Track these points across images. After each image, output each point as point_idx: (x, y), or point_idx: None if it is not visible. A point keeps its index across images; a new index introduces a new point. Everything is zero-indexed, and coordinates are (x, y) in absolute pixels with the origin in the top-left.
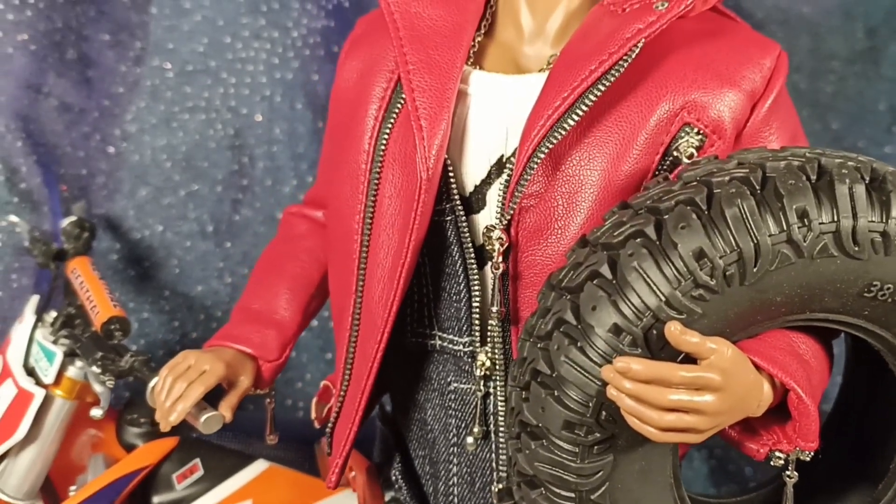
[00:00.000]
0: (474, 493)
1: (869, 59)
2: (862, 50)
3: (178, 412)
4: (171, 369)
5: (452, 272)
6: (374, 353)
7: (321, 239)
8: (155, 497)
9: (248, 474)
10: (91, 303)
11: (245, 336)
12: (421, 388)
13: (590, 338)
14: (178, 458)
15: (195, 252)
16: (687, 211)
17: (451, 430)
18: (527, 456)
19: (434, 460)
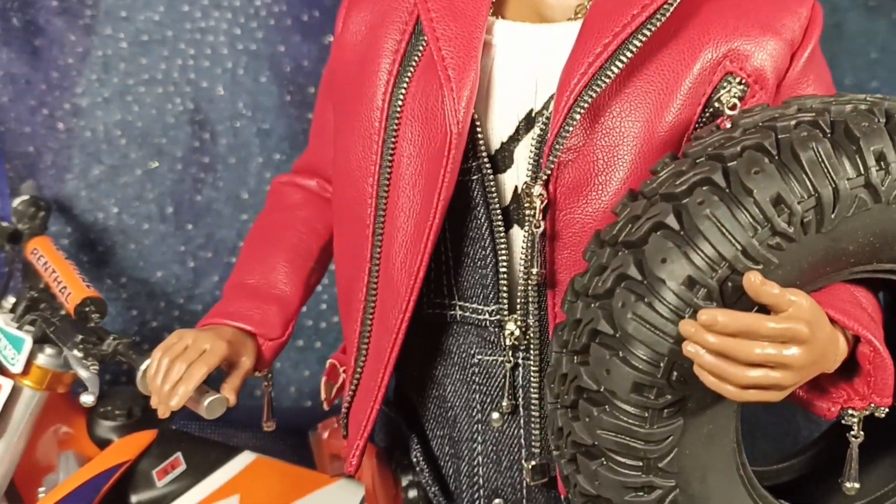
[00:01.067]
0: (501, 472)
1: (833, 36)
2: (826, 26)
3: (179, 396)
4: (167, 350)
5: (477, 236)
6: (397, 324)
7: (317, 208)
8: (134, 496)
9: (234, 467)
10: (59, 284)
11: (244, 313)
12: (439, 363)
13: (659, 292)
14: (158, 453)
15: (154, 235)
16: (758, 156)
17: (475, 407)
18: (587, 424)
19: (455, 440)
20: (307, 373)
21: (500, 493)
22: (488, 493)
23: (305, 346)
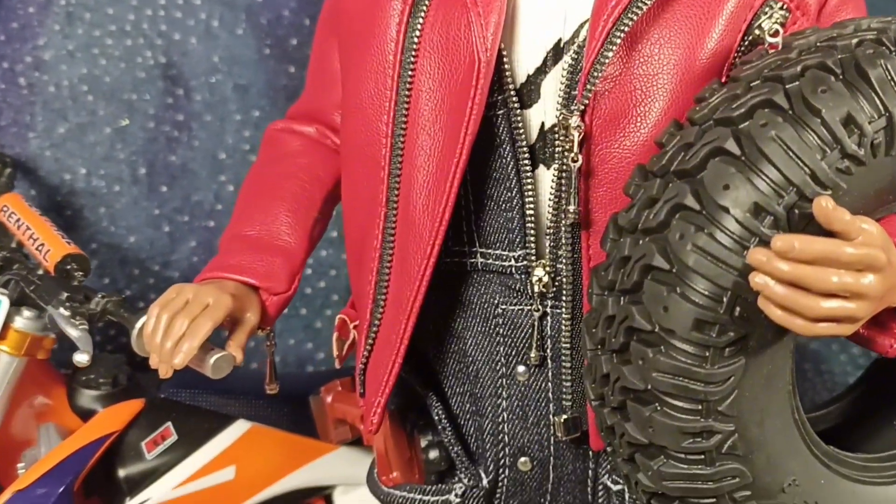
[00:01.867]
0: (527, 428)
1: None
2: None
3: (183, 353)
4: (165, 306)
5: (502, 176)
6: (420, 271)
7: (319, 156)
8: (122, 469)
9: (229, 437)
10: (35, 242)
11: (246, 266)
12: (458, 316)
13: (721, 222)
14: (147, 423)
15: (126, 198)
16: (822, 75)
17: (499, 360)
18: (639, 368)
19: (478, 396)
20: (292, 341)
21: (527, 450)
22: (514, 452)
23: (290, 314)
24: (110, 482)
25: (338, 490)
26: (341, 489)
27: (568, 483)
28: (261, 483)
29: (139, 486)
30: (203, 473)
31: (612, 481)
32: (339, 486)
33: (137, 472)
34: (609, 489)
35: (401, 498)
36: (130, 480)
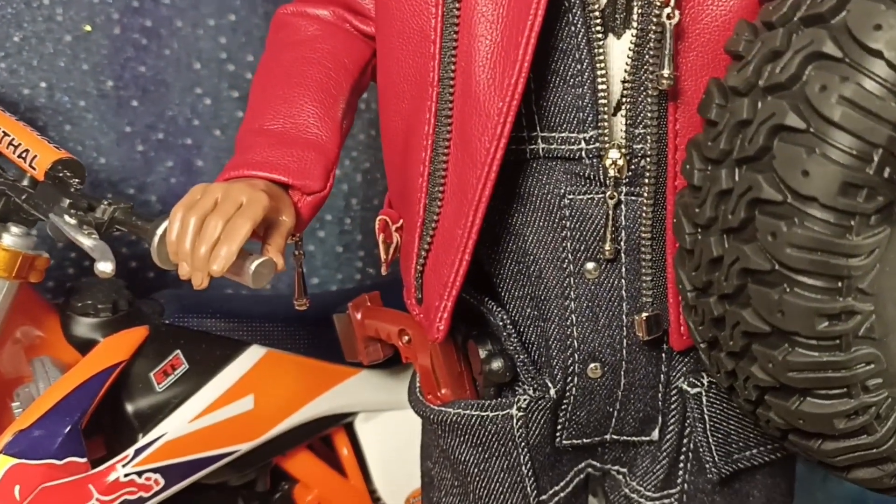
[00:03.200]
0: (598, 331)
1: None
2: None
3: (223, 257)
4: (191, 207)
5: (570, 47)
6: (489, 154)
7: (340, 40)
8: (130, 404)
9: (244, 364)
10: (17, 149)
11: (276, 161)
12: (516, 211)
13: (871, 69)
14: (154, 352)
15: (93, 115)
16: None
17: (565, 257)
18: (770, 244)
19: (541, 299)
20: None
21: (598, 355)
22: (584, 357)
23: None
24: (118, 419)
25: (359, 418)
26: (363, 416)
27: (639, 389)
28: (281, 412)
29: (152, 421)
30: (221, 404)
31: (689, 384)
32: (361, 413)
33: (148, 405)
34: (684, 393)
35: (455, 416)
36: (141, 415)
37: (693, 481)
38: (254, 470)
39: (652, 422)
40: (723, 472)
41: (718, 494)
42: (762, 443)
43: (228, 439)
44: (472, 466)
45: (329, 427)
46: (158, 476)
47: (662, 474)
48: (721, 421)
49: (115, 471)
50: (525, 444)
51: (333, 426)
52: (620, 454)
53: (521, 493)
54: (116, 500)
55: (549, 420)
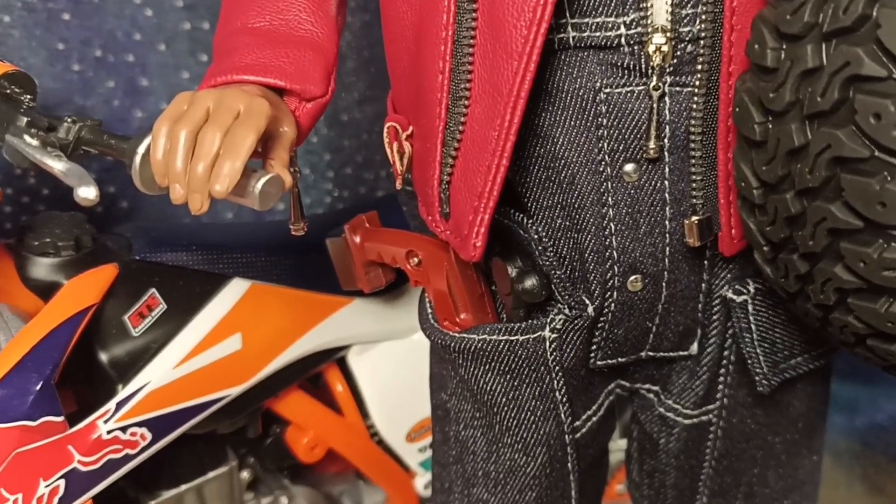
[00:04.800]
0: (639, 239)
1: None
2: None
3: (226, 176)
4: (179, 119)
5: None
6: (529, 41)
7: None
8: (104, 352)
9: (227, 299)
10: None
11: (270, 63)
12: (543, 110)
13: None
14: (126, 293)
15: (19, 31)
16: None
17: (601, 159)
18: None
19: (574, 207)
20: None
21: (639, 266)
22: (623, 270)
23: None
24: (93, 371)
25: (352, 351)
26: (356, 350)
27: (680, 301)
28: (271, 350)
29: (131, 370)
30: (206, 346)
31: (735, 292)
32: (354, 346)
33: (125, 353)
34: (728, 302)
35: (480, 342)
36: (119, 364)
37: (733, 395)
38: (244, 416)
39: (691, 335)
40: (772, 383)
41: (759, 407)
42: (806, 350)
43: (218, 384)
44: (499, 396)
45: (321, 363)
46: (145, 430)
47: (702, 390)
48: (767, 329)
49: (97, 428)
50: (559, 369)
51: (326, 362)
52: (653, 372)
53: (554, 421)
54: (100, 460)
55: (584, 340)
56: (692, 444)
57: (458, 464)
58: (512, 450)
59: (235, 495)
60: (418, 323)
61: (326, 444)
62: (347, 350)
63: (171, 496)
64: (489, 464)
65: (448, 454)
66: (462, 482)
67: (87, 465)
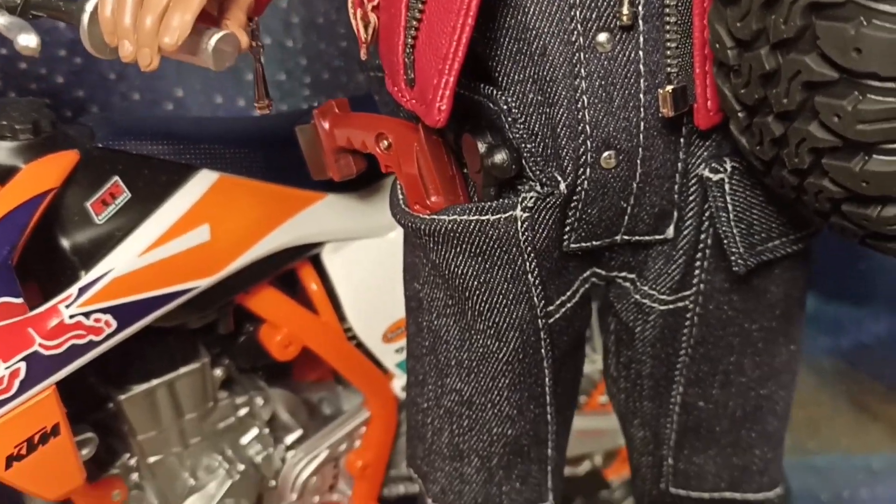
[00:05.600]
0: (612, 113)
1: None
2: None
3: (175, 28)
4: None
5: None
6: None
7: None
8: (65, 238)
9: (195, 190)
10: None
11: None
12: None
13: None
14: (87, 180)
15: None
16: None
17: (573, 28)
18: None
19: (546, 80)
20: (198, 86)
21: (612, 142)
22: (597, 145)
23: None
24: (54, 258)
25: (327, 249)
26: (330, 247)
27: (655, 180)
28: (241, 243)
29: (94, 257)
30: (172, 235)
31: (711, 170)
32: (328, 243)
33: (88, 240)
34: (704, 181)
35: (451, 223)
36: (81, 251)
37: (709, 280)
38: (214, 310)
39: (667, 217)
40: (748, 264)
41: (735, 293)
42: (784, 234)
43: (185, 275)
44: (471, 279)
45: (294, 259)
46: (109, 317)
47: (678, 275)
48: (744, 210)
49: (59, 312)
50: (531, 250)
51: (298, 259)
52: (629, 258)
53: (527, 305)
54: (63, 344)
55: (557, 220)
56: (668, 332)
57: (432, 354)
58: (484, 336)
59: (208, 392)
60: (391, 214)
61: (300, 343)
62: (321, 248)
63: (143, 390)
64: (462, 352)
65: (421, 345)
66: (435, 373)
67: (49, 350)
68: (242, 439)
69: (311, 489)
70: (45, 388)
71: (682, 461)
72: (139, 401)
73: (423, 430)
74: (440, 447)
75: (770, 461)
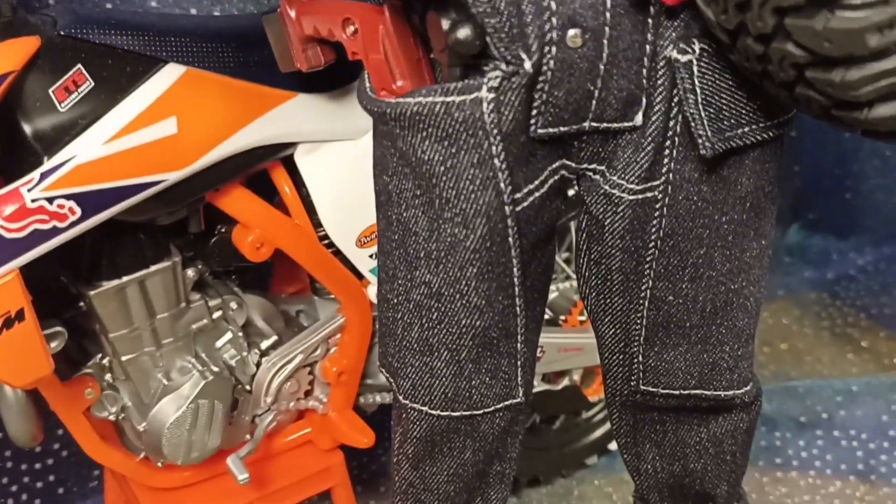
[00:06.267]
0: None
1: None
2: None
3: None
4: None
5: None
6: None
7: None
8: (27, 124)
9: (161, 82)
10: None
11: None
12: None
13: None
14: (50, 66)
15: None
16: None
17: None
18: None
19: None
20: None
21: (578, 19)
22: (562, 23)
23: None
24: (15, 142)
25: (299, 150)
26: (303, 149)
27: (623, 62)
28: (210, 139)
29: (57, 144)
30: (138, 125)
31: (679, 51)
32: (300, 144)
33: (51, 126)
34: (672, 63)
35: (416, 106)
36: (43, 137)
37: (678, 170)
38: (184, 207)
39: (635, 104)
40: (715, 148)
41: (705, 183)
42: (754, 120)
43: (151, 167)
44: (437, 165)
45: (265, 160)
46: (73, 204)
47: (647, 163)
48: (713, 94)
49: (20, 196)
50: (497, 132)
51: (270, 159)
52: (598, 148)
53: (493, 190)
54: (25, 228)
55: (523, 102)
56: (637, 224)
57: (401, 248)
58: (452, 224)
59: (180, 292)
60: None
61: (272, 244)
62: (294, 149)
63: (113, 287)
64: (430, 243)
65: (391, 240)
66: (405, 266)
67: (11, 233)
68: (217, 343)
69: (286, 394)
70: (8, 272)
71: (653, 358)
72: (109, 297)
73: (393, 327)
74: (410, 342)
75: (740, 358)
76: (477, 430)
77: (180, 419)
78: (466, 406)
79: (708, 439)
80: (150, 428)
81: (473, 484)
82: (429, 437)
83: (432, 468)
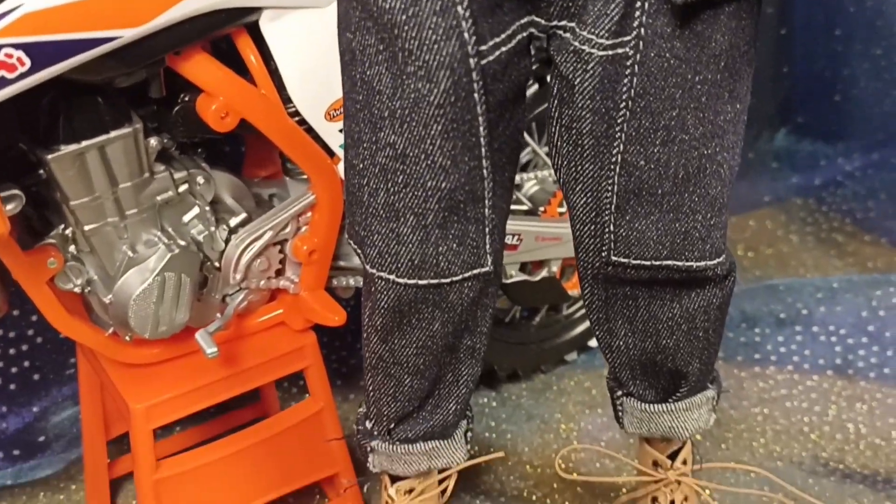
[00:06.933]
0: None
1: None
2: None
3: None
4: None
5: None
6: None
7: None
8: None
9: None
10: None
11: None
12: None
13: None
14: None
15: None
16: None
17: None
18: None
19: None
20: None
21: None
22: None
23: None
24: None
25: (265, 17)
26: (269, 15)
27: None
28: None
29: None
30: None
31: None
32: (265, 10)
33: None
34: None
35: None
36: None
37: (650, 24)
38: (143, 69)
39: None
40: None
41: (678, 39)
42: None
43: (105, 21)
44: (399, 14)
45: (228, 24)
46: (21, 54)
47: (617, 15)
48: None
49: None
50: None
51: (233, 24)
52: (568, 3)
53: (458, 41)
54: None
55: None
56: (608, 83)
57: (366, 109)
58: (415, 78)
59: (143, 162)
60: None
61: (238, 114)
62: (259, 15)
63: (72, 151)
64: (394, 100)
65: (356, 101)
66: (369, 128)
67: None
68: (184, 217)
69: (256, 272)
70: None
71: (624, 227)
72: (68, 162)
73: (359, 194)
74: (376, 209)
75: (713, 227)
76: (445, 300)
77: (146, 291)
78: (434, 274)
79: (680, 315)
80: (117, 300)
81: (444, 358)
82: (396, 308)
83: (401, 340)
